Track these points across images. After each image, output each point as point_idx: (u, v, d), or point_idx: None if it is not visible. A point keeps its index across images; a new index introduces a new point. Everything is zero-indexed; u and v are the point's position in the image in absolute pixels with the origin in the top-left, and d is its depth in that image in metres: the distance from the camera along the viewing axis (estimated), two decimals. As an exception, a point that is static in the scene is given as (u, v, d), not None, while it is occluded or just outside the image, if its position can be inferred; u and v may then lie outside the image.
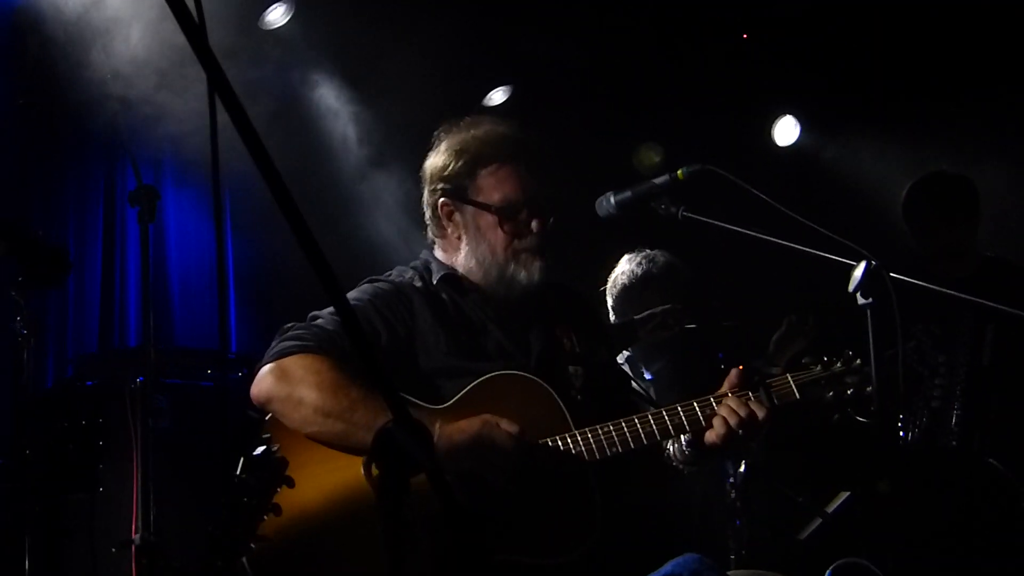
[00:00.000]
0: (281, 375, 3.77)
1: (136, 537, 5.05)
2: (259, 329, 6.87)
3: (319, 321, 3.90)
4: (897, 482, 3.99)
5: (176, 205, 6.62)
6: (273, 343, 3.84)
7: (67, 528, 5.04)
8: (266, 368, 3.81)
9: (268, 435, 3.68)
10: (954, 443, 5.13)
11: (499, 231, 4.05)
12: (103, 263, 7.04)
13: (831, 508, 5.21)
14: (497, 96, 7.55)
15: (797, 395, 3.85)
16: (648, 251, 5.85)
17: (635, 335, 5.54)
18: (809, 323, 5.75)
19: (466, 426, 3.71)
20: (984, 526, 4.92)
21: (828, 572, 3.79)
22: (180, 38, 2.14)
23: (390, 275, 4.15)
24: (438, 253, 4.19)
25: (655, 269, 5.81)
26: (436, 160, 4.17)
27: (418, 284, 4.07)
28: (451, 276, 4.09)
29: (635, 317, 5.53)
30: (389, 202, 7.23)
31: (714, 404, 3.80)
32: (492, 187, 4.08)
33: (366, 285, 4.08)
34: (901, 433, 5.00)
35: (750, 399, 3.81)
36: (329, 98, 7.41)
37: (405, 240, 7.05)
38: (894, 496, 4.00)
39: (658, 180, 4.03)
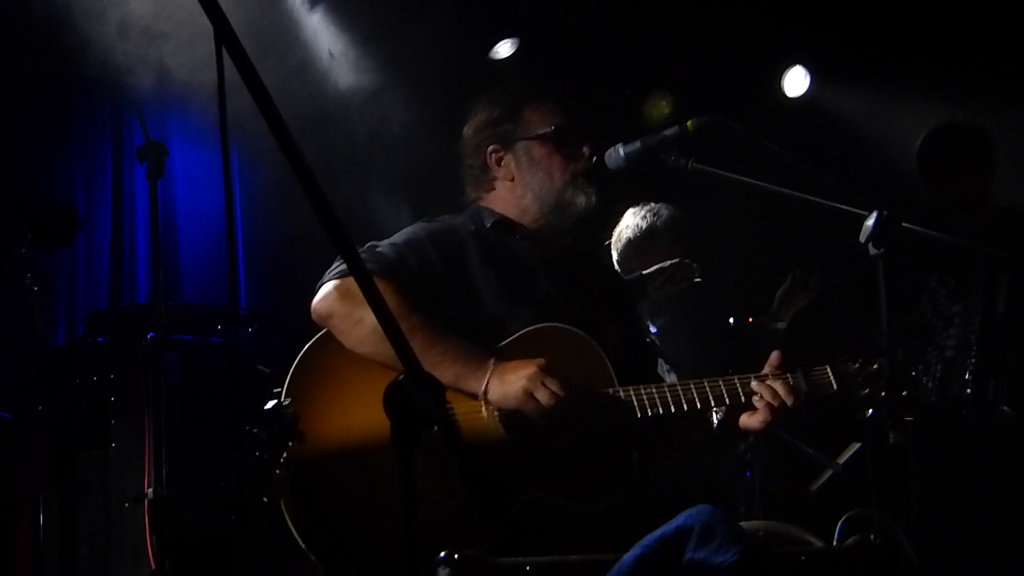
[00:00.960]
0: (345, 293, 3.83)
1: (149, 492, 5.07)
2: (268, 285, 6.87)
3: (379, 248, 3.98)
4: (910, 433, 3.96)
5: (184, 161, 6.61)
6: (335, 263, 3.91)
7: (81, 483, 5.05)
8: (330, 284, 3.88)
9: (279, 390, 3.75)
10: (968, 392, 5.13)
11: (555, 156, 4.14)
12: (112, 220, 7.05)
13: (842, 460, 5.21)
14: (504, 49, 7.52)
15: (835, 386, 3.89)
16: (653, 204, 5.84)
17: (643, 290, 5.52)
18: (814, 279, 5.74)
19: (520, 368, 3.77)
20: (997, 475, 4.91)
21: (839, 524, 3.78)
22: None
23: (443, 217, 4.22)
24: (485, 202, 4.25)
25: (660, 223, 5.80)
26: (476, 120, 4.27)
27: (472, 227, 4.14)
28: (503, 221, 4.17)
29: (643, 272, 5.51)
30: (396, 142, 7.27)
31: (754, 382, 3.83)
32: (540, 119, 4.18)
33: (421, 223, 4.17)
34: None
35: (789, 382, 3.83)
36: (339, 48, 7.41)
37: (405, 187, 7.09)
38: (906, 447, 3.98)
39: (668, 132, 4.04)
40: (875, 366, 3.89)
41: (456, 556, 3.16)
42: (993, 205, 5.54)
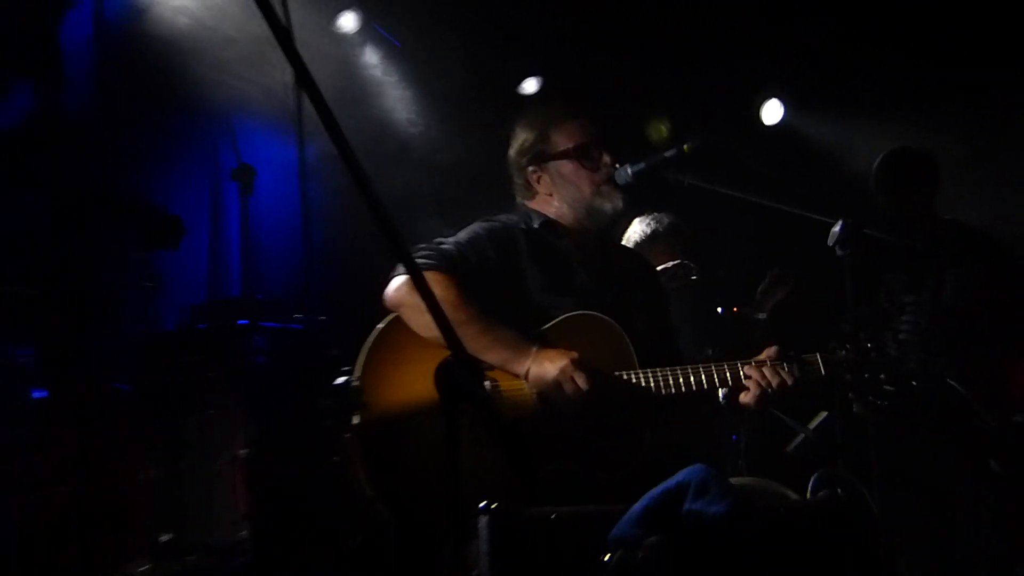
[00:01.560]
0: (410, 289, 3.80)
1: (241, 452, 5.07)
2: (336, 281, 6.85)
3: (444, 246, 3.97)
4: (870, 403, 3.93)
5: (267, 177, 6.57)
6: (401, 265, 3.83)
7: (184, 442, 5.04)
8: (402, 279, 3.86)
9: (348, 368, 3.75)
10: (920, 368, 5.10)
11: (581, 170, 4.13)
12: (209, 228, 7.06)
13: (813, 425, 5.17)
14: (530, 85, 7.52)
15: (823, 371, 3.87)
16: (656, 213, 5.85)
17: None
18: (790, 276, 5.72)
19: (557, 356, 3.77)
20: (944, 436, 4.85)
21: (812, 480, 3.73)
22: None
23: (499, 217, 4.19)
24: (531, 207, 4.25)
25: (661, 228, 5.83)
26: (515, 144, 4.26)
27: (523, 226, 4.14)
28: (549, 221, 4.17)
29: None
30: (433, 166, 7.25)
31: (754, 367, 3.82)
32: (565, 139, 4.16)
33: (480, 222, 4.15)
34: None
35: (783, 369, 3.82)
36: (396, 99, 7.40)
37: (442, 199, 7.08)
38: (867, 414, 3.94)
39: (668, 153, 4.06)
40: (861, 356, 3.87)
41: (493, 506, 3.13)
42: (937, 217, 5.49)
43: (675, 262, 5.59)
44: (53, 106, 2.30)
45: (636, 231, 5.82)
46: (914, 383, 4.61)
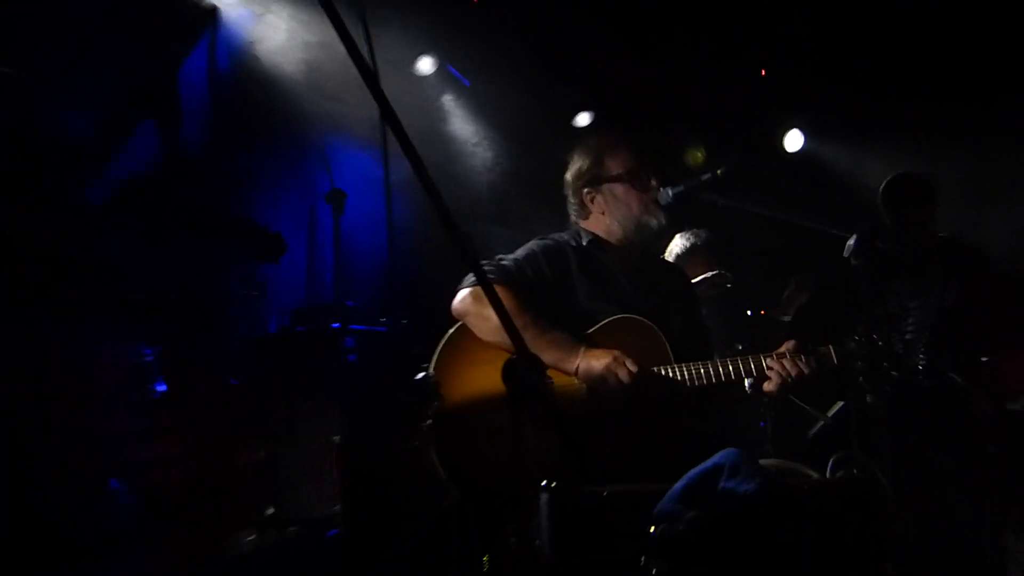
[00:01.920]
0: (476, 297, 3.88)
1: (334, 438, 5.10)
2: (416, 290, 6.88)
3: (504, 262, 4.03)
4: (882, 394, 3.90)
5: (356, 198, 6.60)
6: (468, 277, 3.96)
7: (286, 431, 5.09)
8: (466, 291, 3.93)
9: (426, 365, 3.79)
10: (923, 364, 5.05)
11: (631, 191, 4.15)
12: (307, 244, 7.10)
13: (831, 413, 5.13)
14: (583, 119, 7.52)
15: (836, 361, 3.86)
16: (695, 229, 5.84)
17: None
18: (811, 282, 5.69)
19: (602, 355, 3.80)
20: (946, 424, 4.80)
21: (830, 462, 3.71)
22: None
23: (552, 236, 4.23)
24: (583, 226, 4.27)
25: (700, 242, 5.82)
26: (572, 170, 4.30)
27: (573, 244, 4.16)
28: (597, 239, 4.19)
29: (692, 280, 5.50)
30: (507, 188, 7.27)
31: (775, 359, 3.84)
32: (617, 165, 4.19)
33: (536, 241, 4.19)
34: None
35: (800, 360, 3.82)
36: (466, 128, 7.42)
37: (505, 212, 7.09)
38: (878, 404, 3.92)
39: (704, 177, 4.07)
40: (869, 346, 3.85)
41: (552, 485, 3.13)
42: (934, 234, 5.43)
43: (713, 272, 5.58)
44: (173, 143, 2.34)
45: (677, 245, 5.82)
46: (919, 373, 4.58)
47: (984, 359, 4.80)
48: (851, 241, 3.86)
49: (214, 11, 2.45)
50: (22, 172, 2.56)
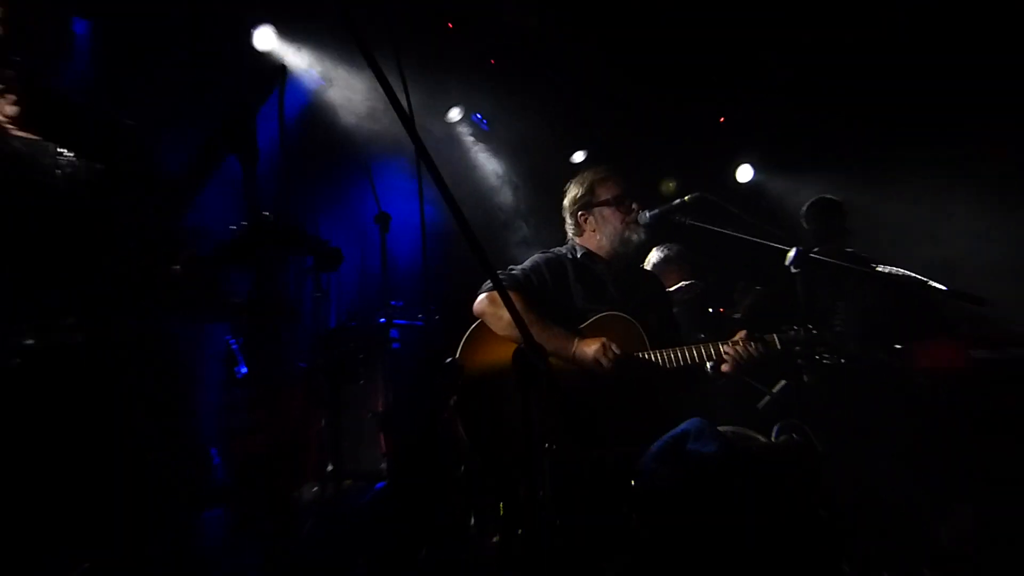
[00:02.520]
0: (492, 300, 3.89)
1: (381, 410, 5.09)
2: (444, 292, 6.87)
3: (514, 271, 4.03)
4: (815, 374, 3.88)
5: (399, 217, 6.59)
6: (486, 283, 3.94)
7: (343, 404, 5.07)
8: (484, 295, 3.93)
9: (456, 352, 3.80)
10: (853, 349, 4.98)
11: (617, 213, 4.13)
12: (359, 256, 7.11)
13: (775, 389, 5.08)
14: (578, 156, 7.50)
15: (779, 347, 3.84)
16: (668, 244, 5.80)
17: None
18: (753, 288, 5.63)
19: (592, 343, 3.79)
20: (875, 395, 4.73)
21: (775, 428, 3.68)
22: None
23: (553, 250, 4.21)
24: (578, 242, 4.23)
25: (672, 254, 5.77)
26: (568, 196, 4.28)
27: (570, 256, 4.14)
28: (589, 252, 4.17)
29: (673, 287, 5.50)
30: (518, 209, 7.26)
31: (730, 345, 3.82)
32: (606, 192, 4.17)
33: (540, 254, 4.17)
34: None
35: (751, 346, 3.80)
36: (486, 161, 7.42)
37: (517, 228, 7.08)
38: (817, 382, 3.91)
39: (674, 203, 4.04)
40: (803, 333, 3.82)
41: (553, 447, 3.13)
42: (844, 247, 5.36)
43: (688, 282, 5.54)
44: (252, 174, 2.35)
45: (654, 256, 5.78)
46: (850, 356, 4.53)
47: (898, 346, 4.76)
48: (791, 253, 3.85)
49: (284, 68, 2.46)
50: (156, 205, 2.61)
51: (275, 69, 2.42)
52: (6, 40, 2.46)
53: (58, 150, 2.53)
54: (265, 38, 6.01)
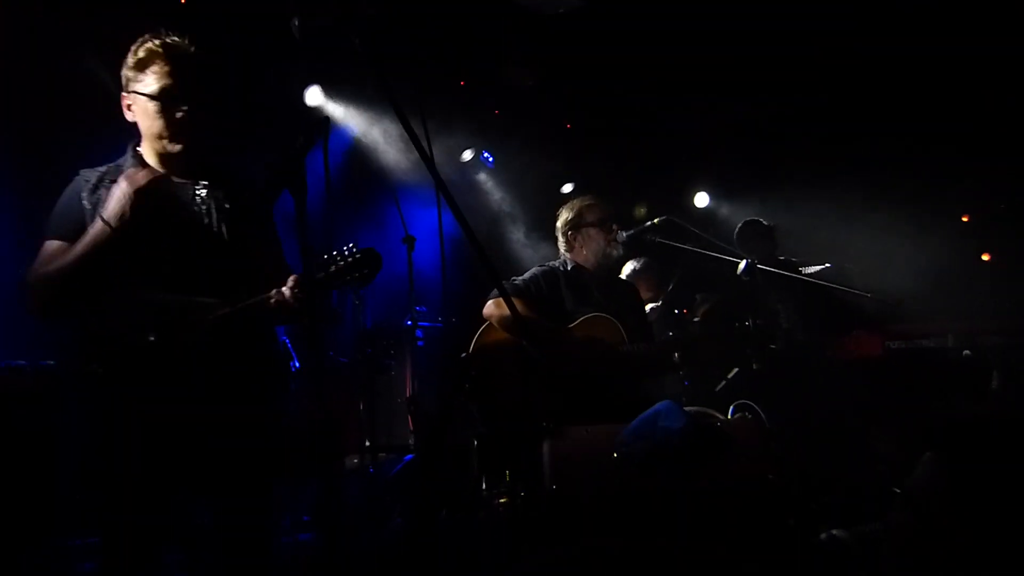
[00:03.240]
0: (498, 305, 3.82)
1: (408, 396, 5.07)
2: (460, 300, 6.83)
3: (516, 281, 3.97)
4: (761, 362, 3.85)
5: (423, 238, 6.57)
6: (493, 291, 3.84)
7: (378, 390, 5.05)
8: (491, 301, 3.86)
9: (469, 348, 3.76)
10: (797, 340, 4.88)
11: (600, 233, 4.08)
12: (390, 270, 7.07)
13: (729, 376, 5.01)
14: (567, 187, 7.45)
15: (735, 341, 3.82)
16: (639, 257, 5.73)
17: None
18: (711, 296, 5.50)
19: (580, 340, 3.78)
20: (815, 378, 4.62)
21: (731, 408, 3.64)
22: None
23: (548, 263, 4.15)
24: (568, 257, 4.17)
25: (640, 266, 5.71)
26: (560, 218, 4.22)
27: (562, 269, 4.08)
28: (578, 266, 4.11)
29: (649, 306, 5.39)
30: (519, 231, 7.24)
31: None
32: (592, 215, 4.13)
33: (537, 267, 4.12)
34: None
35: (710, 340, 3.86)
36: (494, 191, 7.39)
37: (521, 245, 7.05)
38: (765, 369, 3.87)
39: (646, 224, 4.04)
40: (755, 330, 3.79)
41: (550, 424, 3.10)
42: (777, 257, 5.25)
43: (655, 305, 5.40)
44: (302, 207, 2.34)
45: (628, 267, 5.72)
46: (795, 345, 4.47)
47: (832, 338, 4.67)
48: (742, 264, 3.83)
49: (328, 120, 2.45)
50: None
51: (321, 120, 2.40)
52: (178, 95, 2.49)
53: (195, 187, 2.58)
54: (314, 95, 6.06)
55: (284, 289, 2.46)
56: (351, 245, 2.53)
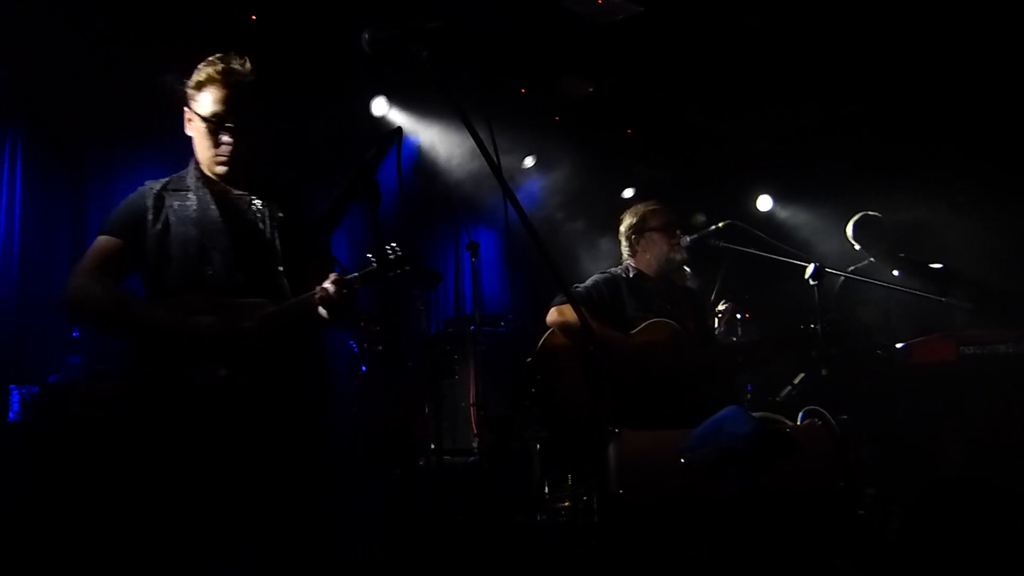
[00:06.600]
0: (560, 312, 3.81)
1: (473, 400, 5.09)
2: (525, 304, 6.84)
3: (578, 288, 3.95)
4: (830, 367, 3.76)
5: (485, 246, 6.59)
6: (557, 297, 3.84)
7: (443, 395, 5.07)
8: (554, 308, 3.85)
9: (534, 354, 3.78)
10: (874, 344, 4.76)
11: (664, 238, 4.05)
12: (454, 277, 7.16)
13: (796, 381, 4.90)
14: (628, 192, 7.40)
15: (800, 345, 3.83)
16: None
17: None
18: (736, 305, 5.23)
19: (643, 345, 3.76)
20: (886, 385, 4.46)
21: (800, 414, 3.56)
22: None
23: (609, 270, 4.13)
24: (631, 263, 4.15)
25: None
26: (624, 224, 4.18)
27: (623, 276, 4.06)
28: (640, 272, 4.08)
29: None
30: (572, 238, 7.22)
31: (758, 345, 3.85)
32: (655, 220, 4.10)
33: (598, 274, 4.09)
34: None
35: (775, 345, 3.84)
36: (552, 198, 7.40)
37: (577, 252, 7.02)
38: (829, 375, 3.77)
39: (710, 228, 3.99)
40: (817, 333, 3.71)
41: (616, 429, 3.09)
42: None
43: (729, 304, 5.14)
44: (376, 216, 2.39)
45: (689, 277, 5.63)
46: (870, 350, 4.34)
47: (901, 345, 4.53)
48: (810, 268, 3.76)
49: (400, 130, 2.49)
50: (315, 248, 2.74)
51: (393, 131, 2.44)
52: (228, 121, 2.56)
53: (251, 200, 2.66)
54: (379, 106, 6.16)
55: (327, 284, 2.50)
56: (393, 244, 2.55)
